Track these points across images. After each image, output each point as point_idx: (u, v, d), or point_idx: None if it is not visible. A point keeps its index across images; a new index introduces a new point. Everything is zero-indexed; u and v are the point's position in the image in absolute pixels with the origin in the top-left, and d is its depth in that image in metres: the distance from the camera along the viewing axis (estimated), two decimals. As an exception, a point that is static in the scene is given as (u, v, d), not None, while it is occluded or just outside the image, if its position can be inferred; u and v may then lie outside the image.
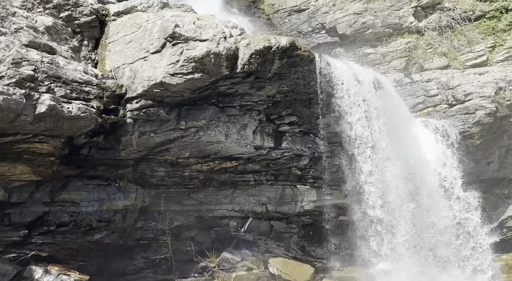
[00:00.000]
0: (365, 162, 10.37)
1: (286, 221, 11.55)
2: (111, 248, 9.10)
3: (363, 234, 10.38)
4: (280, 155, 10.88)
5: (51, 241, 8.04)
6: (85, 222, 8.47)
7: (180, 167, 10.18)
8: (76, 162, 8.69)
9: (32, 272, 7.21)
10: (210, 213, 10.75)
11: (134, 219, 9.40)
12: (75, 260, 8.36)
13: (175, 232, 10.19)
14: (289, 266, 10.33)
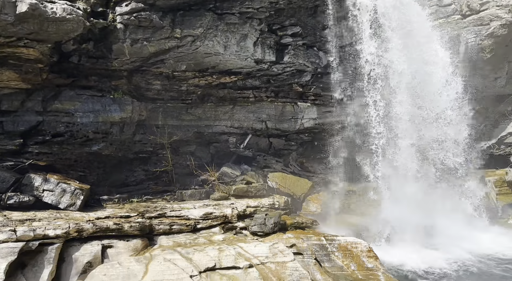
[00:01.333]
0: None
1: (285, 138, 11.51)
2: (110, 160, 9.07)
3: (364, 150, 10.37)
4: (281, 70, 10.43)
5: (48, 151, 7.94)
6: (81, 133, 8.29)
7: (176, 81, 9.79)
8: (67, 71, 8.25)
9: (31, 179, 7.18)
10: (209, 129, 10.61)
11: (132, 132, 9.24)
12: (74, 171, 8.34)
13: (174, 147, 10.13)
14: (287, 180, 10.48)
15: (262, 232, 7.49)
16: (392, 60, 9.90)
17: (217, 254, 6.28)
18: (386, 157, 9.76)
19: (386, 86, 9.98)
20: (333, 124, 11.24)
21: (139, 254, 6.47)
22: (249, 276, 5.82)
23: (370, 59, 9.98)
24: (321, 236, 7.43)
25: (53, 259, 5.81)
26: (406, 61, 9.84)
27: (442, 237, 8.46)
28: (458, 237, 8.53)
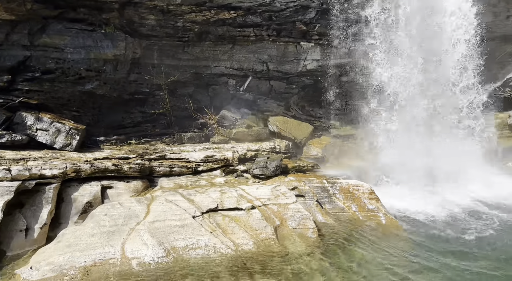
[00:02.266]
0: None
1: (287, 81, 11.08)
2: (105, 101, 8.69)
3: (367, 93, 10.03)
4: (284, 6, 9.71)
5: (38, 88, 7.52)
6: (73, 71, 7.82)
7: (172, 15, 9.09)
8: (53, 1, 7.55)
9: (23, 118, 6.85)
10: (208, 70, 10.12)
11: (127, 71, 8.76)
12: (68, 110, 8.00)
13: (172, 88, 9.72)
14: (288, 124, 10.25)
15: (263, 175, 7.40)
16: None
17: (219, 196, 6.20)
18: (391, 101, 9.47)
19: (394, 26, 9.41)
20: (337, 66, 10.77)
21: (139, 195, 6.38)
22: (251, 217, 5.79)
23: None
24: (323, 179, 7.37)
25: (51, 198, 5.68)
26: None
27: (442, 180, 8.47)
28: (459, 181, 8.54)
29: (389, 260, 5.11)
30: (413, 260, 5.10)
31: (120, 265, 4.63)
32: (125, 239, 5.02)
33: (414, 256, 5.23)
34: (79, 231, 5.14)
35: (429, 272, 4.77)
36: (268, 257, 5.07)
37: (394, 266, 4.92)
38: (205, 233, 5.34)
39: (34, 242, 5.33)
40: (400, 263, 5.04)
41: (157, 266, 4.68)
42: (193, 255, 4.98)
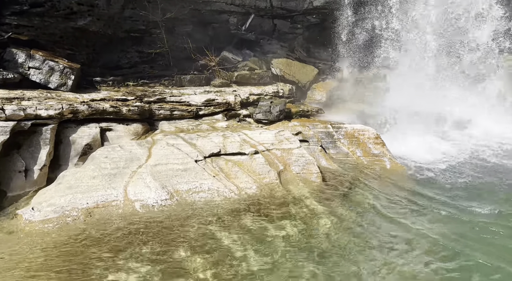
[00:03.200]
0: None
1: (291, 20, 10.44)
2: (100, 39, 8.18)
3: (377, 35, 9.49)
4: None
5: (28, 23, 7.00)
6: (64, 4, 7.24)
7: None
8: None
9: (13, 55, 6.45)
10: (207, 6, 9.45)
11: (121, 6, 8.15)
12: (61, 48, 7.54)
13: (169, 26, 9.13)
14: (292, 67, 9.83)
15: (266, 120, 7.20)
16: None
17: (222, 140, 6.05)
18: (401, 42, 8.99)
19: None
20: (346, 5, 10.08)
21: (140, 138, 6.23)
22: (254, 162, 5.69)
23: None
24: (328, 123, 7.19)
25: (49, 140, 5.52)
26: None
27: (449, 127, 8.33)
28: (468, 127, 8.41)
29: (390, 205, 5.10)
30: (414, 207, 5.08)
31: (123, 208, 4.59)
32: (127, 182, 4.95)
33: (415, 202, 5.21)
34: (79, 173, 5.04)
35: (430, 219, 4.77)
36: (272, 200, 5.05)
37: (395, 213, 4.91)
38: (208, 177, 5.26)
39: (34, 183, 5.26)
40: (401, 209, 5.03)
41: (161, 209, 4.65)
42: (197, 199, 4.94)
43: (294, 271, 3.64)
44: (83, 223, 4.30)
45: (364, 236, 4.30)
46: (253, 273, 3.57)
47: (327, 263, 3.77)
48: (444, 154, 7.22)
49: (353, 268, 3.71)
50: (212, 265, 3.67)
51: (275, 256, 3.87)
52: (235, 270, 3.63)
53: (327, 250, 3.99)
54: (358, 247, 4.07)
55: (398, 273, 3.67)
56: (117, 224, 4.31)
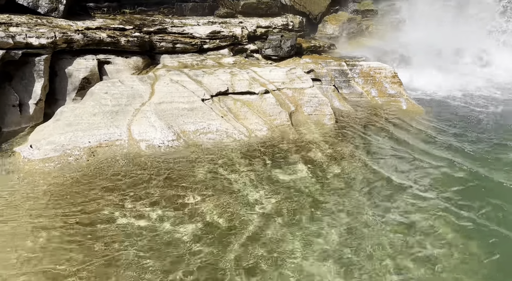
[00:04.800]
0: None
1: None
2: (90, -43, 7.27)
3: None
4: None
5: None
6: None
7: None
8: None
9: (-5, -27, 5.71)
10: None
11: None
12: (48, -33, 6.71)
13: None
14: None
15: (276, 56, 6.70)
16: None
17: (229, 78, 5.63)
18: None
19: None
20: None
21: (141, 73, 5.79)
22: (265, 102, 5.35)
23: None
24: (342, 61, 6.71)
25: (43, 72, 5.07)
26: None
27: (465, 62, 7.89)
28: (488, 63, 7.98)
29: (405, 149, 4.87)
30: (429, 149, 4.86)
31: (128, 147, 4.34)
32: (131, 120, 4.64)
33: (431, 144, 4.98)
34: (79, 110, 4.71)
35: (449, 165, 4.59)
36: (283, 144, 4.81)
37: (413, 158, 4.71)
38: (216, 118, 4.96)
39: (31, 119, 4.94)
40: (417, 153, 4.82)
41: (167, 150, 4.41)
42: (205, 140, 4.68)
43: (303, 214, 3.51)
44: (86, 163, 4.08)
45: (376, 179, 4.14)
46: (264, 216, 3.45)
47: (336, 205, 3.64)
48: (461, 91, 6.87)
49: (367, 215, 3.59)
50: (222, 209, 3.53)
51: (286, 200, 3.72)
52: (246, 214, 3.49)
53: (338, 192, 3.84)
54: (371, 187, 3.92)
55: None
56: (123, 165, 4.09)
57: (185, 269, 2.83)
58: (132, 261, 2.86)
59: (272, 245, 3.12)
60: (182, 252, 2.99)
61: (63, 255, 2.86)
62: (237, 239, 3.17)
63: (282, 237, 3.22)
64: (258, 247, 3.09)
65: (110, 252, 2.93)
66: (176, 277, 2.76)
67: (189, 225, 3.31)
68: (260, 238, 3.20)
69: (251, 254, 3.01)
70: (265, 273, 2.84)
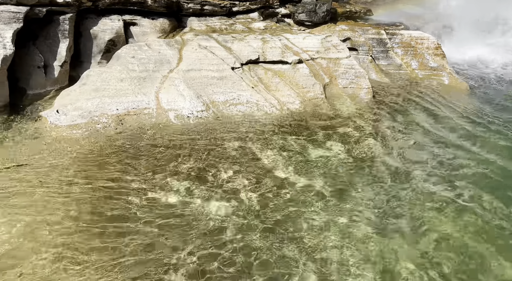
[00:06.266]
0: None
1: None
2: None
3: None
4: None
5: None
6: None
7: None
8: None
9: None
10: None
11: None
12: None
13: None
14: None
15: (310, 22, 6.26)
16: None
17: (261, 45, 5.29)
18: None
19: None
20: None
21: (168, 37, 5.50)
22: (298, 73, 5.04)
23: None
24: (381, 29, 6.24)
25: (67, 31, 4.85)
26: None
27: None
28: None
29: (447, 127, 4.55)
30: (472, 130, 4.53)
31: (156, 117, 4.17)
32: (159, 88, 4.44)
33: (474, 123, 4.63)
34: (105, 74, 4.52)
35: (493, 146, 4.26)
36: (316, 118, 4.56)
37: (453, 137, 4.40)
38: (247, 88, 4.70)
39: (56, 81, 4.80)
40: (459, 133, 4.49)
41: (196, 121, 4.23)
42: (235, 112, 4.47)
43: (337, 193, 3.33)
44: (114, 131, 3.94)
45: (414, 160, 3.88)
46: (295, 195, 3.28)
47: (372, 185, 3.44)
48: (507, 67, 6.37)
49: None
50: (253, 187, 3.38)
51: (318, 177, 3.54)
52: (277, 192, 3.33)
53: (373, 172, 3.63)
54: (409, 169, 3.69)
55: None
56: (151, 135, 3.94)
57: (215, 247, 2.72)
58: (160, 237, 2.77)
59: (306, 227, 2.97)
60: (212, 229, 2.88)
61: (92, 227, 2.78)
62: (269, 217, 3.03)
63: (314, 218, 3.06)
64: (291, 226, 2.95)
65: (137, 226, 2.84)
66: (205, 253, 2.66)
67: (218, 201, 3.18)
68: (292, 218, 3.04)
69: (282, 234, 2.87)
70: (298, 260, 2.71)
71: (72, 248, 2.59)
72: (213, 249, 2.71)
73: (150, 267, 2.53)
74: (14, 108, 4.30)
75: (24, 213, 2.81)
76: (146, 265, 2.54)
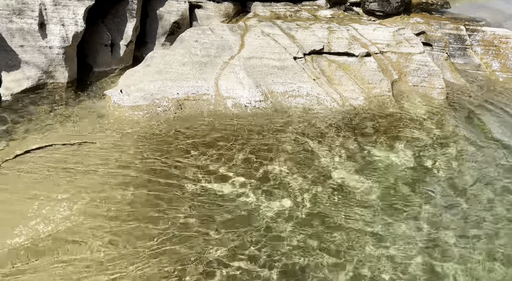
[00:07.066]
0: None
1: None
2: None
3: None
4: None
5: None
6: None
7: None
8: None
9: None
10: None
11: None
12: None
13: None
14: None
15: (382, 12, 5.84)
16: None
17: (326, 35, 5.02)
18: None
19: None
20: None
21: (231, 21, 5.40)
22: (364, 67, 4.73)
23: None
24: (460, 24, 5.68)
25: (135, 11, 4.91)
26: None
27: None
28: None
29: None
30: None
31: (214, 104, 4.12)
32: (219, 74, 4.37)
33: None
34: (168, 57, 4.52)
35: None
36: (381, 117, 4.26)
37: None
38: (308, 80, 4.49)
39: (121, 60, 4.91)
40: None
41: (254, 111, 4.12)
42: (293, 104, 4.29)
43: (399, 204, 3.08)
44: (173, 115, 3.94)
45: (489, 176, 3.50)
46: (353, 201, 3.08)
47: (444, 198, 3.13)
48: None
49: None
50: (308, 185, 3.22)
51: (380, 183, 3.30)
52: (332, 195, 3.15)
53: (442, 182, 3.31)
54: (483, 183, 3.33)
55: None
56: (208, 122, 3.89)
57: (271, 247, 2.62)
58: (210, 225, 2.72)
59: (366, 238, 2.78)
60: (260, 227, 2.78)
61: (149, 212, 2.80)
62: (322, 222, 2.87)
63: (375, 229, 2.85)
64: (343, 237, 2.77)
65: (190, 213, 2.81)
66: (248, 251, 2.57)
67: (271, 200, 3.07)
68: (344, 228, 2.86)
69: (337, 242, 2.70)
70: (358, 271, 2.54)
71: (126, 233, 2.62)
72: (267, 251, 2.62)
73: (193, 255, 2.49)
74: (80, 84, 4.47)
75: (85, 191, 2.89)
76: (186, 257, 2.51)
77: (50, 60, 4.17)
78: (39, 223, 2.55)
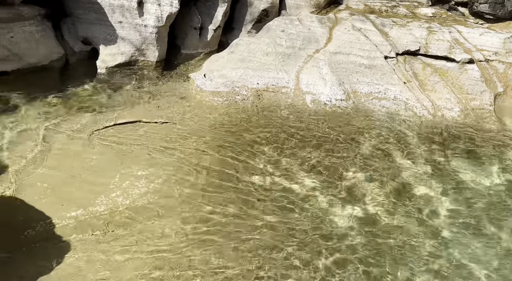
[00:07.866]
0: None
1: None
2: None
3: None
4: None
5: None
6: None
7: None
8: None
9: None
10: None
11: None
12: None
13: None
14: None
15: (492, 16, 5.16)
16: None
17: (425, 35, 4.58)
18: None
19: None
20: None
21: (321, 13, 5.18)
22: (464, 75, 4.24)
23: None
24: None
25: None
26: None
27: None
28: None
29: None
30: None
31: (292, 98, 4.00)
32: (301, 67, 4.23)
33: None
34: (253, 45, 4.48)
35: None
36: (476, 133, 3.80)
37: None
38: (397, 83, 4.16)
39: (207, 45, 4.98)
40: None
41: (333, 109, 3.92)
42: (377, 107, 4.01)
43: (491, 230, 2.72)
44: (251, 105, 3.91)
45: None
46: (435, 221, 2.78)
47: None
48: None
49: None
50: (384, 197, 2.98)
51: (470, 207, 2.95)
52: (413, 210, 2.88)
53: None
54: None
55: None
56: (285, 117, 3.79)
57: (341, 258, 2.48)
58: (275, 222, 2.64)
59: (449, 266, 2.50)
60: (332, 234, 2.63)
61: (219, 198, 2.81)
62: (397, 241, 2.63)
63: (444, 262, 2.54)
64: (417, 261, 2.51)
65: (258, 208, 2.76)
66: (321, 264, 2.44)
67: (342, 204, 2.89)
68: (420, 253, 2.59)
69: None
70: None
71: (196, 217, 2.65)
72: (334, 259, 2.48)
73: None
74: (168, 64, 4.63)
75: (162, 170, 2.98)
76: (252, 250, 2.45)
77: (144, 38, 4.37)
78: (119, 196, 2.68)
